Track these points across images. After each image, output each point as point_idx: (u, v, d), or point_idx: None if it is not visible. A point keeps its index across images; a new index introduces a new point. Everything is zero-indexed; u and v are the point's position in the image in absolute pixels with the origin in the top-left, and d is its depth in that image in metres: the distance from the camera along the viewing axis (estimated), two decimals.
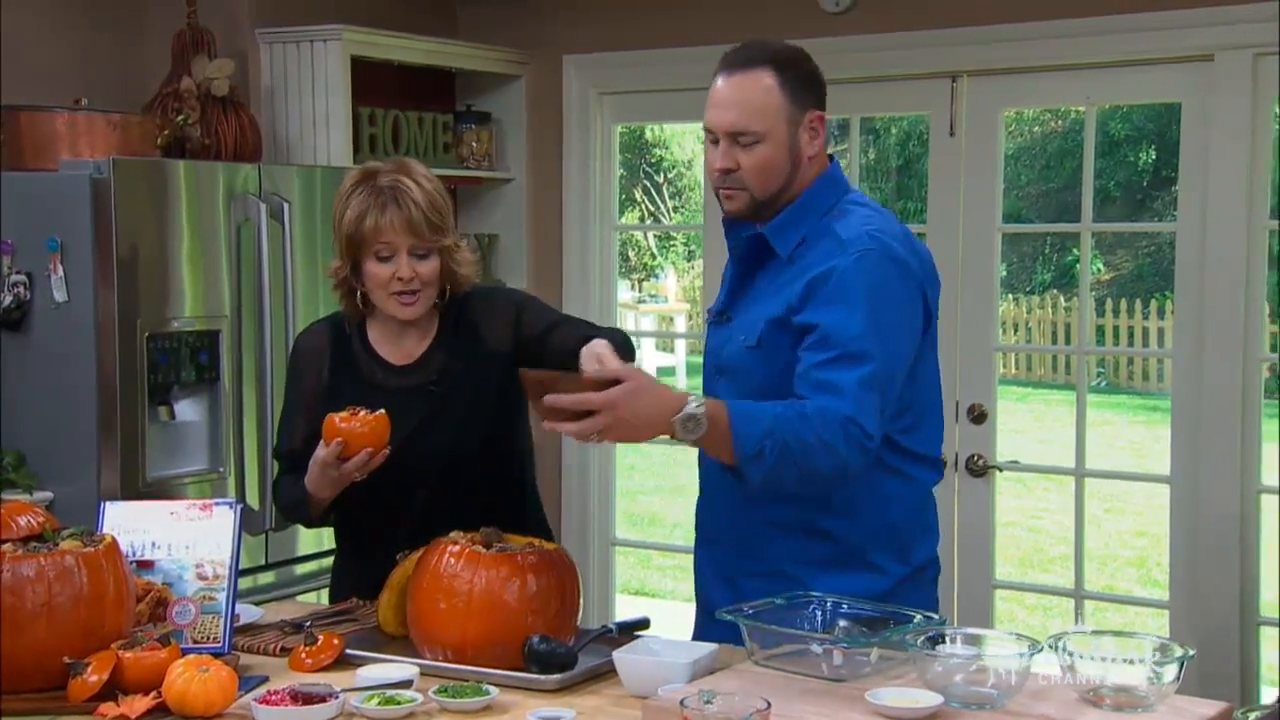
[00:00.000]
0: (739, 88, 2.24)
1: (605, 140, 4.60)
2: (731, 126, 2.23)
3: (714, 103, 2.26)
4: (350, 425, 2.32)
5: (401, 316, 2.46)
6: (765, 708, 1.64)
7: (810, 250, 2.26)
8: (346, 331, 2.55)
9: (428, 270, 2.42)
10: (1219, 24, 3.62)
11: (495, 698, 2.00)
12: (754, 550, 2.31)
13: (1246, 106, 3.62)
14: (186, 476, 3.53)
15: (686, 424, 2.07)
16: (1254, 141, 3.63)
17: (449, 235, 2.45)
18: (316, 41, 4.03)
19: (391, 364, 2.50)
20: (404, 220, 2.39)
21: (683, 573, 7.04)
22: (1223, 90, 3.64)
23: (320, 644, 2.20)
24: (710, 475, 2.39)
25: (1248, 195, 3.63)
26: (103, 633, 2.04)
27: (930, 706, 1.78)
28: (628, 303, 13.48)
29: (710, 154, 2.28)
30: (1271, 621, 3.77)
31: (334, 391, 2.49)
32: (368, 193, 2.41)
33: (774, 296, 2.26)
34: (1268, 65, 3.61)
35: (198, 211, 3.52)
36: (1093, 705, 1.80)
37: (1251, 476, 3.70)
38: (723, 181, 2.27)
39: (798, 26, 4.14)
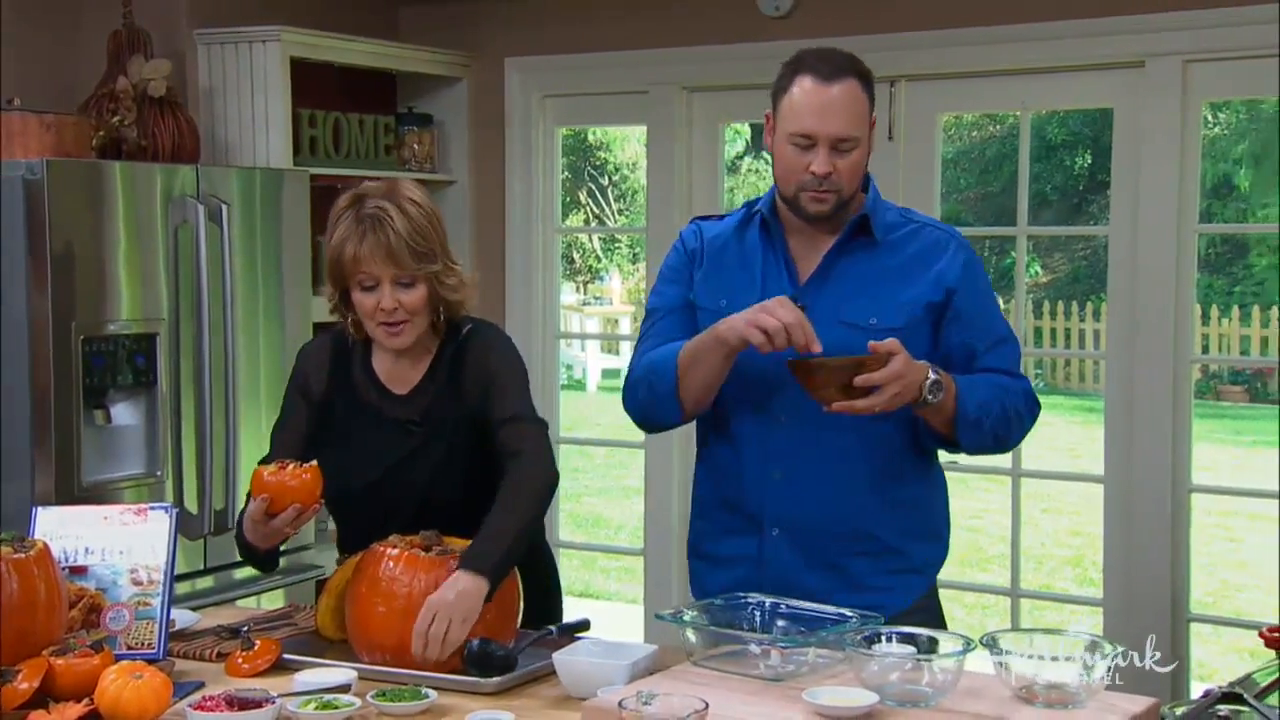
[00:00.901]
0: (841, 97, 2.31)
1: (547, 142, 4.59)
2: (837, 133, 2.29)
3: (815, 110, 2.29)
4: (279, 478, 2.22)
5: (389, 346, 2.37)
6: (703, 708, 1.64)
7: (897, 233, 2.40)
8: (349, 348, 2.45)
9: (412, 299, 2.31)
10: (1149, 31, 3.67)
11: (434, 701, 1.99)
12: (863, 530, 2.36)
13: (1176, 112, 3.67)
14: (123, 481, 3.48)
15: (934, 389, 2.22)
16: (1183, 146, 3.68)
17: (436, 261, 2.32)
18: (255, 43, 3.99)
19: (389, 390, 2.41)
20: (384, 249, 2.27)
21: (627, 574, 7.04)
22: (1153, 96, 3.69)
23: (257, 649, 2.18)
24: (807, 464, 2.35)
25: (1178, 199, 3.68)
26: (34, 639, 2.01)
27: (866, 705, 1.79)
28: (572, 305, 13.48)
29: (797, 158, 2.31)
30: (1201, 618, 3.82)
31: (329, 409, 2.43)
32: (351, 219, 2.31)
33: (900, 280, 2.35)
34: (1196, 71, 3.67)
35: (134, 213, 3.47)
36: (1025, 702, 1.81)
37: (1182, 476, 3.75)
38: (817, 184, 2.30)
39: (738, 30, 4.16)
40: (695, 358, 2.31)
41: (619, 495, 8.78)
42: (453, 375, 2.38)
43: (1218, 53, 3.63)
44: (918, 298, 2.35)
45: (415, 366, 2.40)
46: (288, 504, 2.21)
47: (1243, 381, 12.11)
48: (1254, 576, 7.12)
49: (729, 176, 13.48)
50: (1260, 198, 12.91)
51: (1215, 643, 5.73)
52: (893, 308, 2.34)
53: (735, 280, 2.41)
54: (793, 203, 2.35)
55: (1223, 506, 7.89)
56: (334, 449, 2.39)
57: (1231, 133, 13.09)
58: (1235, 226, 13.72)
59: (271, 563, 2.40)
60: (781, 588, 2.28)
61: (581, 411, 11.17)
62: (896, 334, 2.24)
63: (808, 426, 2.32)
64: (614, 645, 2.13)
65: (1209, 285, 12.50)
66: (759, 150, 14.32)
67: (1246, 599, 6.76)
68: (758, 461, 2.37)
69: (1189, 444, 3.77)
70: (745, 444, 2.38)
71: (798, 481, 2.35)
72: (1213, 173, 12.51)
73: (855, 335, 2.27)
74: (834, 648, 1.96)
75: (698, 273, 2.46)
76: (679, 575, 4.42)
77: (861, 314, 2.33)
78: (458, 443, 2.36)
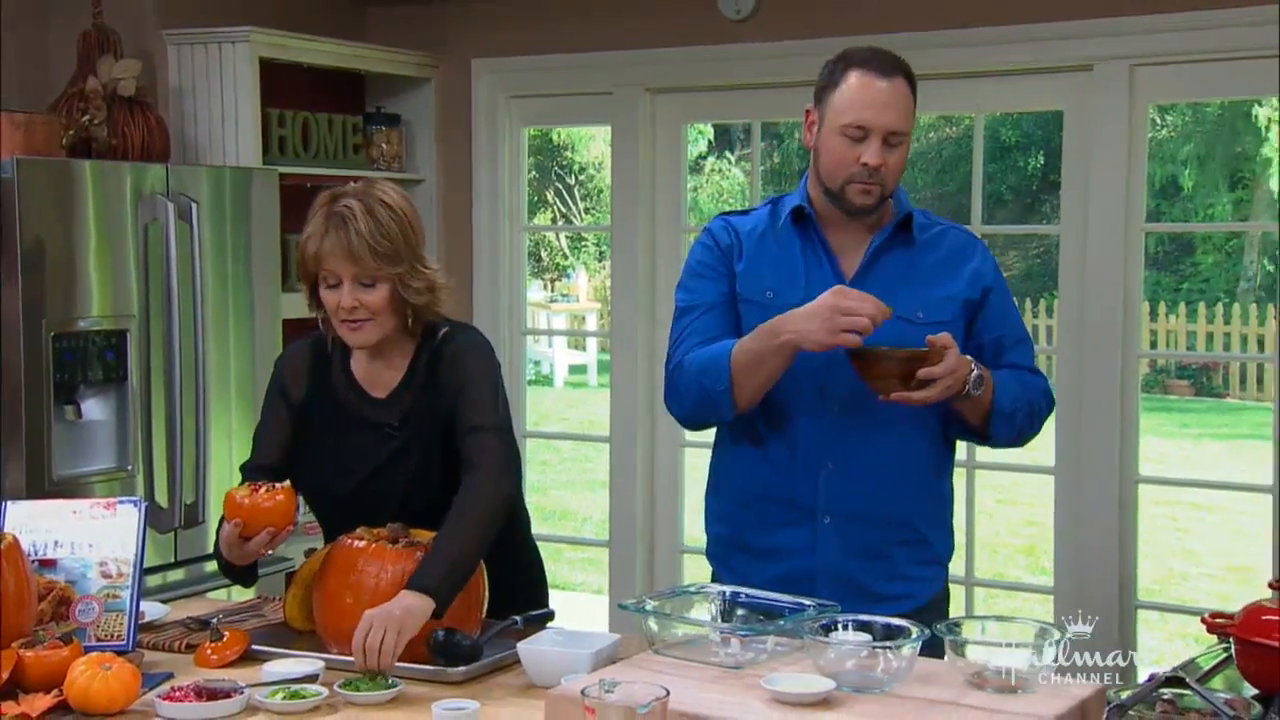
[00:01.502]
0: (895, 92, 2.32)
1: (514, 142, 4.58)
2: (891, 126, 2.30)
3: (871, 103, 2.30)
4: (252, 501, 2.19)
5: (351, 343, 2.34)
6: (664, 695, 1.64)
7: (928, 233, 2.42)
8: (328, 353, 2.42)
9: (373, 299, 2.27)
10: (1097, 35, 3.70)
11: (401, 690, 1.98)
12: (905, 520, 2.39)
13: (1124, 114, 3.69)
14: (94, 475, 3.45)
15: (977, 382, 2.26)
16: (1130, 147, 3.71)
17: (401, 263, 2.27)
18: (224, 43, 3.96)
19: (367, 394, 2.38)
20: (344, 248, 2.24)
21: (593, 565, 7.04)
22: (1101, 99, 3.72)
23: (226, 640, 2.17)
24: (858, 455, 2.35)
25: (1126, 198, 3.71)
26: (3, 632, 1.99)
27: (822, 691, 1.79)
28: (540, 302, 13.45)
29: (848, 150, 2.30)
30: (1148, 605, 3.85)
31: (309, 413, 2.40)
32: (321, 216, 2.29)
33: (938, 279, 2.38)
34: (1143, 75, 3.69)
35: (105, 211, 3.44)
36: (977, 688, 1.82)
37: (1130, 467, 3.78)
38: (867, 176, 2.30)
39: (700, 33, 4.16)
40: (757, 359, 2.27)
41: (585, 488, 8.78)
42: (429, 378, 2.35)
43: (1163, 57, 3.66)
44: (956, 294, 2.39)
45: (392, 370, 2.38)
46: (261, 527, 2.19)
47: (1189, 376, 12.23)
48: (1199, 565, 7.21)
49: (692, 176, 13.48)
50: (1205, 198, 13.05)
51: (1162, 628, 5.78)
52: (935, 303, 2.37)
53: (779, 271, 2.39)
54: (838, 195, 2.34)
55: (1169, 497, 7.97)
56: (314, 452, 2.38)
57: (1178, 135, 13.21)
58: (1181, 225, 13.86)
59: (251, 577, 2.37)
60: (832, 578, 2.32)
61: (549, 406, 11.16)
62: (944, 328, 2.28)
63: (859, 417, 2.32)
64: (577, 635, 2.13)
65: (1156, 282, 12.61)
66: (722, 151, 14.35)
67: (1192, 586, 6.84)
68: (812, 454, 2.35)
69: (1137, 436, 3.80)
70: (799, 437, 2.36)
71: (850, 472, 2.34)
72: (1160, 173, 12.63)
73: (904, 329, 2.29)
74: (792, 636, 1.97)
75: (739, 265, 2.42)
76: (643, 566, 4.42)
77: (909, 308, 2.33)
78: (435, 445, 2.33)
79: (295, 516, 2.22)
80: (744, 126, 4.45)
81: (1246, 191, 13.30)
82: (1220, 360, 12.19)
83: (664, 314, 4.38)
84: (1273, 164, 12.12)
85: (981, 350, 2.38)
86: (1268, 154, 12.39)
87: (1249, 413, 10.91)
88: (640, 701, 1.61)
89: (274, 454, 2.40)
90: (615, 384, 4.45)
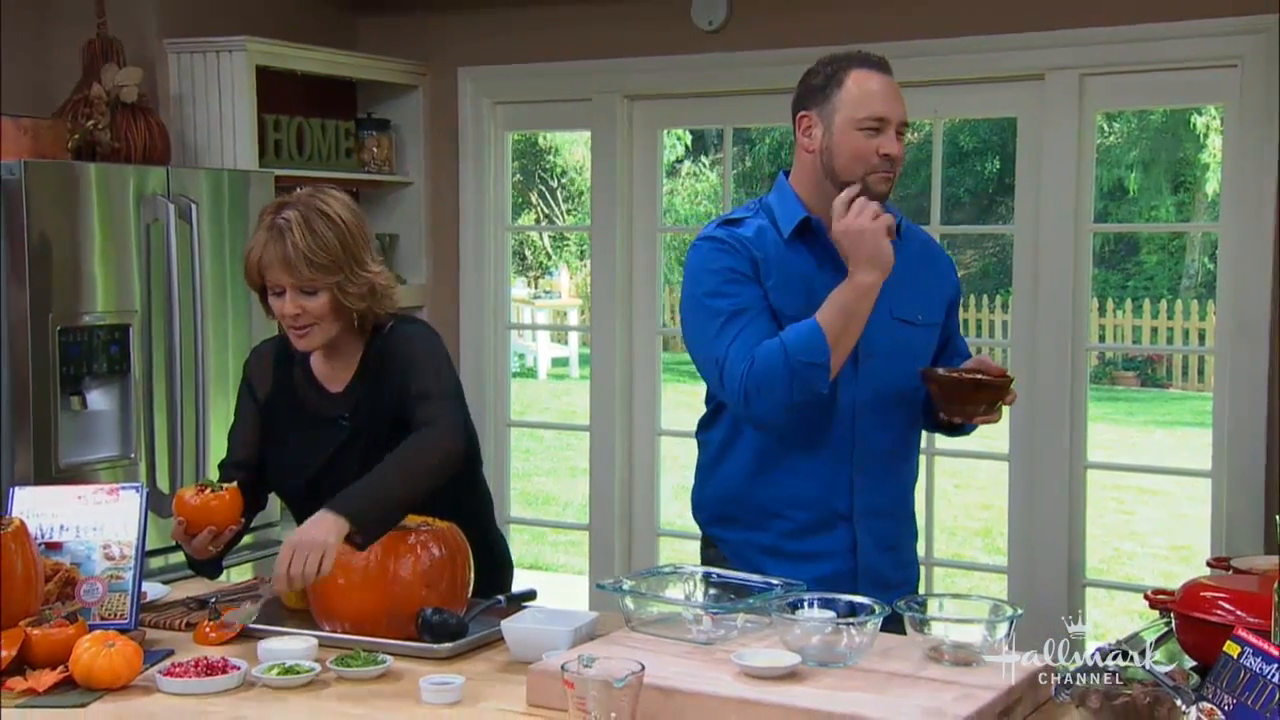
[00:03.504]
0: (895, 86, 2.31)
1: (498, 146, 4.56)
2: (903, 117, 2.29)
3: (885, 96, 2.27)
4: (197, 501, 2.19)
5: (298, 347, 2.32)
6: (640, 669, 1.64)
7: (904, 234, 2.36)
8: (290, 352, 2.40)
9: (315, 306, 2.25)
10: (1049, 47, 3.71)
11: (390, 666, 1.98)
12: (910, 511, 2.45)
13: (1073, 121, 3.70)
14: (98, 463, 3.43)
15: None
16: (1080, 152, 3.72)
17: (338, 272, 2.23)
18: (222, 52, 3.93)
19: (325, 389, 2.37)
20: (281, 259, 2.22)
21: (574, 547, 7.04)
22: (1052, 107, 3.73)
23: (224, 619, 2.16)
24: (880, 457, 2.33)
25: (1075, 200, 3.72)
26: (11, 611, 1.97)
27: (789, 665, 1.79)
28: (524, 298, 13.42)
29: (868, 142, 2.25)
30: (1096, 583, 3.87)
31: (274, 410, 2.39)
32: (264, 227, 2.27)
33: (923, 279, 2.36)
34: (1091, 84, 3.71)
35: (108, 212, 3.42)
36: (934, 661, 1.83)
37: (1079, 455, 3.80)
38: (887, 166, 2.27)
39: (674, 43, 4.16)
40: (849, 314, 2.19)
41: (566, 475, 8.77)
42: (381, 368, 2.34)
43: (1110, 67, 3.67)
44: (941, 294, 2.41)
45: (346, 366, 2.36)
46: (204, 526, 2.19)
47: (1135, 368, 12.31)
48: (1143, 545, 7.25)
49: (669, 179, 13.47)
50: (1149, 200, 13.12)
51: (1109, 605, 5.81)
52: (928, 303, 2.36)
53: (806, 287, 2.27)
54: (860, 186, 2.25)
55: (1116, 482, 8.01)
56: (280, 447, 2.38)
57: (1124, 141, 13.28)
58: (1127, 226, 13.93)
59: (214, 570, 2.36)
60: (870, 575, 2.31)
61: (533, 397, 11.14)
62: (936, 329, 2.33)
63: (874, 418, 2.30)
64: (558, 613, 2.13)
65: (1104, 280, 12.68)
66: (698, 155, 14.34)
67: (1137, 565, 6.88)
68: (843, 459, 2.30)
69: (1085, 425, 3.82)
70: (829, 444, 2.29)
71: (873, 473, 2.32)
72: (1107, 177, 12.69)
73: (905, 331, 2.31)
74: (761, 613, 1.97)
75: (768, 281, 2.29)
76: (621, 548, 4.42)
77: (910, 310, 2.32)
78: (384, 433, 2.29)
79: (238, 517, 2.21)
80: (717, 132, 4.44)
81: (1188, 194, 13.38)
82: (1164, 353, 12.26)
83: (640, 309, 4.38)
84: (1211, 169, 12.19)
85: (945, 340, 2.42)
86: (1206, 159, 12.47)
87: (1190, 402, 10.99)
88: (617, 676, 1.61)
89: (246, 450, 2.40)
90: (595, 376, 4.45)
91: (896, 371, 2.31)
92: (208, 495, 2.19)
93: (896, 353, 2.31)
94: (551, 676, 1.75)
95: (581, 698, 1.61)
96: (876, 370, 2.30)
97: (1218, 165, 4.45)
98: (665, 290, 5.20)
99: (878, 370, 2.30)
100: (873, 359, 2.29)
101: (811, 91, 2.30)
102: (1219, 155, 3.58)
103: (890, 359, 2.30)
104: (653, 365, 4.41)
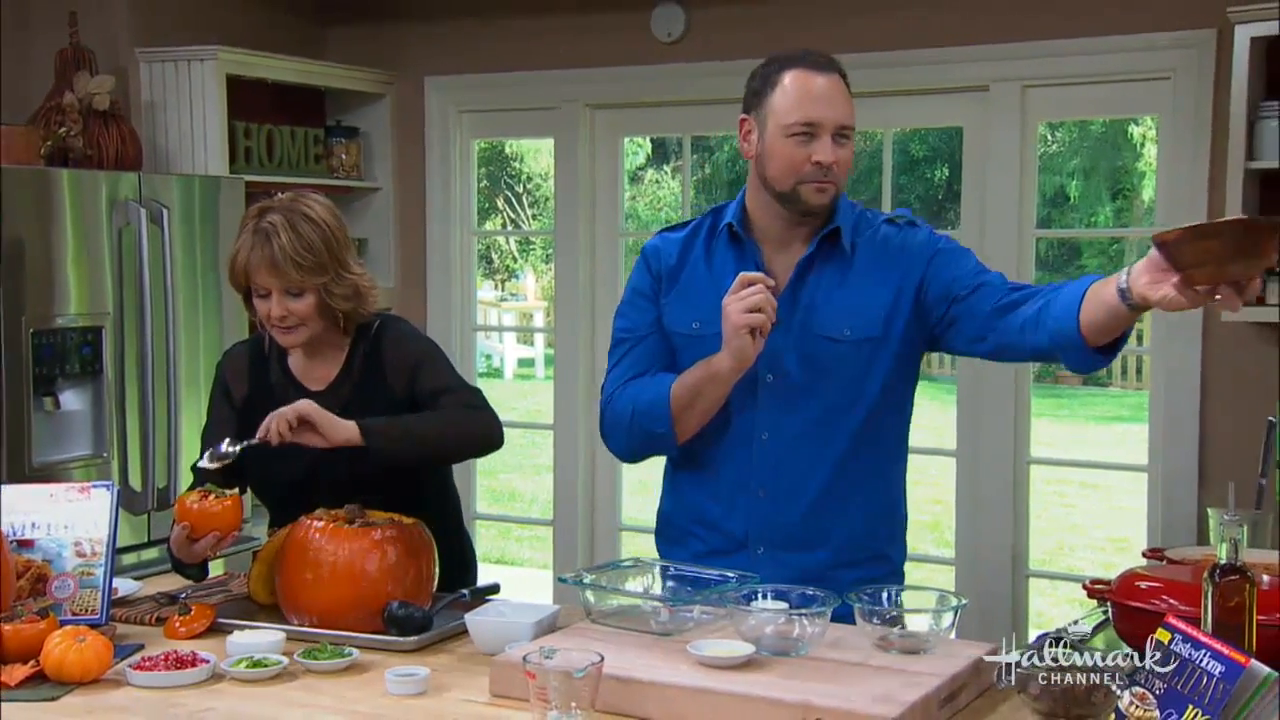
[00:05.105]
0: (839, 88, 2.08)
1: (464, 153, 4.55)
2: (842, 121, 2.07)
3: (819, 97, 2.05)
4: (201, 506, 2.16)
5: (284, 345, 2.30)
6: (599, 660, 1.64)
7: (863, 236, 2.13)
8: (266, 353, 2.38)
9: (301, 307, 2.23)
10: (993, 60, 3.73)
11: (356, 658, 1.96)
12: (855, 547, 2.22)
13: (1017, 131, 3.74)
14: (72, 462, 3.38)
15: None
16: (1023, 161, 3.75)
17: (325, 273, 2.23)
18: (193, 60, 3.90)
19: (306, 388, 2.33)
20: (269, 262, 2.20)
21: (539, 542, 7.02)
22: (997, 117, 3.76)
23: (194, 613, 2.13)
24: (787, 483, 2.14)
25: (1019, 206, 3.75)
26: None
27: (743, 655, 1.79)
28: (491, 300, 13.37)
29: (799, 149, 2.05)
30: (1039, 574, 3.90)
31: (252, 410, 2.34)
32: (249, 231, 2.24)
33: (866, 290, 2.10)
34: (1034, 95, 3.74)
35: (81, 216, 3.37)
36: (883, 650, 1.83)
37: (1023, 450, 3.83)
38: (822, 175, 2.06)
39: (635, 54, 4.16)
40: (696, 394, 2.07)
41: (531, 472, 8.74)
42: (373, 367, 2.32)
43: (1052, 79, 3.71)
44: (881, 305, 2.10)
45: (329, 364, 2.34)
46: (208, 531, 2.16)
47: None
48: (1084, 537, 7.32)
49: (632, 186, 13.47)
50: (1089, 207, 13.25)
51: (1051, 594, 5.87)
52: (866, 317, 2.10)
53: (706, 301, 2.10)
54: (790, 197, 2.08)
55: (1058, 476, 8.08)
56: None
57: (1065, 150, 13.40)
58: (1069, 232, 14.05)
59: (201, 573, 2.33)
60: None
61: (499, 396, 11.02)
62: (872, 344, 2.08)
63: (777, 443, 2.12)
64: (521, 606, 2.12)
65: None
66: (660, 163, 14.34)
67: (1078, 557, 6.94)
68: (740, 485, 2.14)
69: (1029, 422, 3.85)
70: (727, 466, 2.14)
71: (778, 500, 2.13)
72: (1049, 184, 12.79)
73: (828, 347, 2.09)
74: (716, 605, 1.97)
75: (664, 297, 2.18)
76: (584, 543, 4.42)
77: (835, 326, 2.10)
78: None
79: (240, 522, 2.20)
80: (677, 139, 4.45)
81: (1126, 201, 13.52)
82: None
83: (602, 311, 4.37)
84: (1147, 176, 12.33)
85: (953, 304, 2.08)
86: (1142, 168, 12.61)
87: (1129, 399, 11.11)
88: (577, 666, 1.60)
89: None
90: (558, 376, 4.44)
91: (810, 393, 2.10)
92: (211, 501, 2.17)
93: (812, 372, 2.10)
94: (514, 667, 1.74)
95: (543, 688, 1.60)
96: (780, 392, 2.10)
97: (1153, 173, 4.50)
98: None
99: (781, 392, 2.10)
100: (779, 380, 2.10)
101: (750, 94, 2.13)
102: (1154, 164, 3.62)
103: (803, 379, 2.10)
104: None
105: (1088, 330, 1.87)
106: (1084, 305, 1.87)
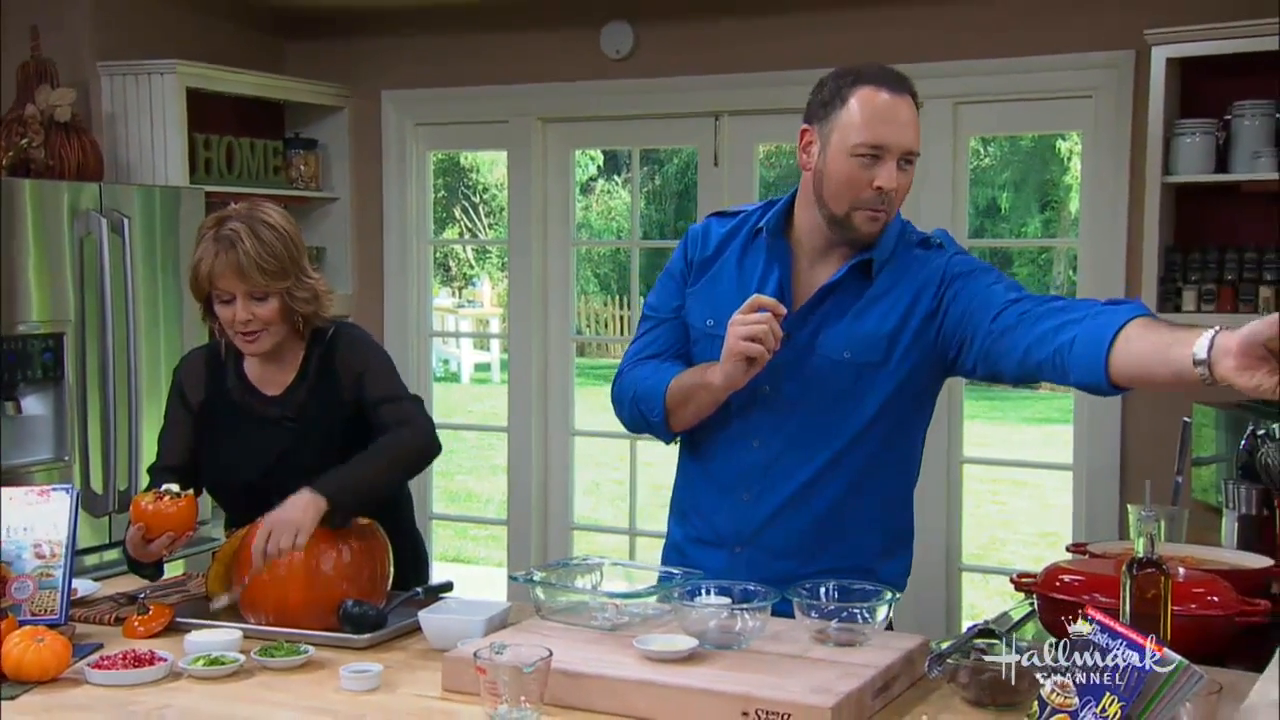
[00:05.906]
0: (910, 111, 1.92)
1: (420, 165, 4.52)
2: (909, 146, 1.91)
3: (890, 119, 1.89)
4: (156, 507, 2.13)
5: (248, 352, 2.28)
6: (548, 655, 1.63)
7: (890, 262, 1.99)
8: (222, 359, 2.35)
9: (265, 312, 2.22)
10: (926, 77, 3.70)
11: (311, 655, 1.94)
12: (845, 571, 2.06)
13: (949, 145, 3.77)
14: (34, 465, 3.33)
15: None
16: (954, 175, 3.79)
17: (287, 277, 2.22)
18: (154, 74, 3.85)
19: (261, 393, 2.31)
20: (235, 267, 2.18)
21: (493, 541, 6.99)
22: (930, 132, 3.78)
23: (152, 613, 2.10)
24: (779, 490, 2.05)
25: (952, 217, 3.79)
26: None
27: (687, 649, 1.79)
28: (448, 307, 13.31)
29: (861, 172, 1.90)
30: (971, 568, 3.94)
31: (209, 414, 2.32)
32: (210, 239, 2.22)
33: (876, 317, 1.98)
34: (966, 112, 3.78)
35: (43, 226, 3.32)
36: (821, 643, 1.84)
37: (956, 450, 3.87)
38: (879, 201, 1.91)
39: (585, 70, 4.16)
40: (688, 396, 2.01)
41: (486, 473, 8.70)
42: (325, 372, 2.30)
43: (983, 96, 3.75)
44: (884, 331, 1.98)
45: (285, 369, 2.32)
46: (162, 531, 2.13)
47: None
48: (1014, 532, 7.40)
49: (584, 196, 13.46)
50: (1020, 217, 13.42)
51: (984, 588, 5.93)
52: (869, 343, 1.98)
53: (726, 300, 1.99)
54: (843, 221, 1.95)
55: (991, 475, 8.17)
56: (217, 450, 2.32)
57: (997, 163, 13.56)
58: (1001, 241, 14.23)
59: (157, 572, 2.30)
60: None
61: (455, 400, 11.05)
62: (873, 368, 1.96)
63: (772, 450, 2.04)
64: (473, 603, 2.11)
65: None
66: (611, 174, 14.34)
67: (1010, 551, 7.02)
68: (733, 482, 2.07)
69: (962, 423, 3.89)
70: (724, 462, 2.07)
71: (769, 506, 2.04)
72: (982, 196, 12.95)
73: (832, 366, 1.99)
74: (662, 601, 1.97)
75: (690, 287, 2.09)
76: (537, 542, 4.40)
77: (836, 347, 1.99)
78: (334, 433, 2.27)
79: (194, 523, 2.17)
80: (627, 152, 4.45)
81: (1054, 212, 13.72)
82: None
83: (555, 318, 4.37)
84: (1073, 189, 12.51)
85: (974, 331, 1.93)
86: (1069, 181, 12.80)
87: (1056, 401, 11.24)
88: (527, 661, 1.60)
89: (178, 455, 2.34)
90: (513, 380, 4.43)
91: (799, 408, 2.01)
92: (165, 502, 2.14)
93: (806, 389, 2.01)
94: (465, 663, 1.73)
95: (493, 682, 1.60)
96: (773, 404, 2.02)
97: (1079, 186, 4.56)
98: (580, 299, 5.20)
99: (774, 405, 2.02)
100: (774, 393, 2.02)
101: (816, 105, 1.97)
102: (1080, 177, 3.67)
103: (796, 395, 2.01)
104: (567, 370, 4.40)
105: (1122, 379, 1.70)
106: (1134, 358, 1.67)
